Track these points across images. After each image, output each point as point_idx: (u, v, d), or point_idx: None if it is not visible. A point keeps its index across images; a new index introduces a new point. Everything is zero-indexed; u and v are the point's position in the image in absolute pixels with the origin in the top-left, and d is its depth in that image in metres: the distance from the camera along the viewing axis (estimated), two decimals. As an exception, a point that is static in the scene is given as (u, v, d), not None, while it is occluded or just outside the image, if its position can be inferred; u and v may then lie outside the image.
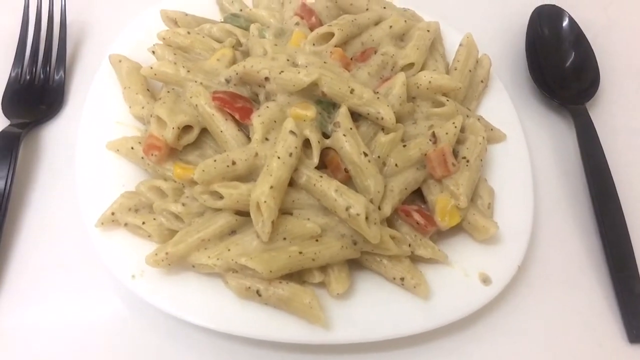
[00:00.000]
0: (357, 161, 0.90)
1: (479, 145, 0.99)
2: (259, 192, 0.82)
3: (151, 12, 1.13)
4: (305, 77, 0.91)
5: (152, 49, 1.02)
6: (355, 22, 1.05)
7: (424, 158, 0.95)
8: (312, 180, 0.88)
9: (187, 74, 0.97)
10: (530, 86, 1.21)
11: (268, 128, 0.90)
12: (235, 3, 1.15)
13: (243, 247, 0.85)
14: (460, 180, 0.95)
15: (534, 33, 1.24)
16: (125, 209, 0.89)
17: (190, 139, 0.93)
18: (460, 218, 0.94)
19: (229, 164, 0.86)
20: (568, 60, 1.21)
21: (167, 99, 0.94)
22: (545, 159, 1.13)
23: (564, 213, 1.07)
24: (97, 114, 1.00)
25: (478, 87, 1.11)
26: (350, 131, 0.91)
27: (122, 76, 1.02)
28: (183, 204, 0.88)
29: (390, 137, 0.94)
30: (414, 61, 1.04)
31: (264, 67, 0.93)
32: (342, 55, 1.00)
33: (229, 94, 0.94)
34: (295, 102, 0.93)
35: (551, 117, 1.18)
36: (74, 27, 1.18)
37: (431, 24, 1.10)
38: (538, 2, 1.29)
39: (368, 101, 0.93)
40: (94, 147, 0.96)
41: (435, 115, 1.02)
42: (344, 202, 0.85)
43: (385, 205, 0.90)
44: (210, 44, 1.03)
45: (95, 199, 0.91)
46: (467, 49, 1.11)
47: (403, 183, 0.94)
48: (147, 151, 0.92)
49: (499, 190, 1.01)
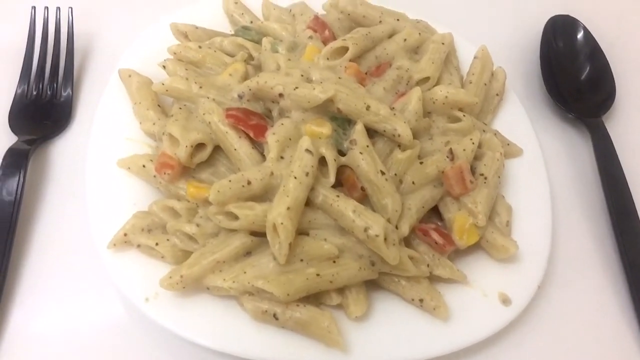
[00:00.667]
0: (374, 180, 0.88)
1: (497, 161, 0.97)
2: (275, 214, 0.81)
3: (160, 24, 1.10)
4: (321, 93, 0.89)
5: (162, 63, 1.00)
6: (369, 35, 1.03)
7: (441, 175, 0.94)
8: (328, 200, 0.86)
9: (200, 89, 0.95)
10: (544, 98, 1.20)
11: (283, 146, 0.88)
12: (245, 15, 1.13)
13: (259, 269, 0.83)
14: (478, 198, 0.93)
15: (548, 44, 1.22)
16: (137, 230, 0.87)
17: (203, 157, 0.91)
18: (478, 236, 0.92)
19: (244, 184, 0.84)
20: (583, 71, 1.19)
21: (179, 116, 0.93)
22: (561, 174, 1.11)
23: (581, 229, 1.05)
24: (107, 130, 0.98)
25: (493, 100, 1.09)
26: (366, 149, 0.89)
27: (132, 91, 1.00)
28: (197, 225, 0.86)
29: (407, 154, 0.92)
30: (430, 75, 1.02)
31: (278, 83, 0.91)
32: (357, 70, 0.98)
33: (242, 111, 0.92)
34: (310, 119, 0.92)
35: (567, 130, 1.17)
36: (82, 39, 1.16)
37: (445, 36, 1.09)
38: (551, 12, 1.27)
39: (384, 118, 0.91)
40: (104, 165, 0.94)
41: (452, 131, 1.00)
42: (362, 222, 0.83)
43: (403, 225, 0.89)
44: (221, 59, 1.01)
45: (106, 218, 0.89)
46: (482, 62, 1.10)
47: (420, 201, 0.92)
48: (159, 170, 0.90)
49: (516, 206, 0.99)
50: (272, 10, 1.13)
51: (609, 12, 1.33)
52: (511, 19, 1.32)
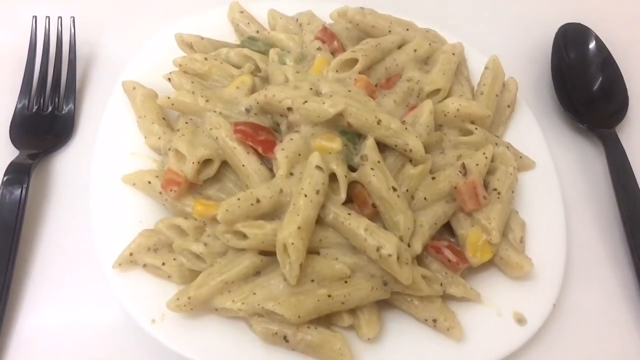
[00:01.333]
0: (385, 196, 0.86)
1: (510, 176, 0.95)
2: (286, 234, 0.78)
3: (165, 34, 1.08)
4: (331, 108, 0.87)
5: (167, 76, 0.97)
6: (379, 46, 1.00)
7: (454, 191, 0.92)
8: (339, 217, 0.84)
9: (206, 103, 0.92)
10: (556, 108, 1.17)
11: (292, 162, 0.86)
12: (251, 24, 1.10)
13: (269, 290, 0.81)
14: (491, 214, 0.91)
15: (559, 54, 1.19)
16: (143, 249, 0.85)
17: (210, 173, 0.89)
18: (492, 254, 0.90)
19: (253, 202, 0.82)
20: (595, 81, 1.17)
21: (185, 131, 0.90)
22: (574, 186, 1.09)
23: (595, 243, 1.03)
24: (110, 144, 0.96)
25: (505, 112, 1.07)
26: (378, 165, 0.87)
27: (137, 104, 0.98)
28: (205, 244, 0.84)
29: (419, 169, 0.90)
30: (441, 87, 1.00)
31: (287, 97, 0.89)
32: (367, 82, 0.95)
33: (250, 126, 0.89)
34: (320, 133, 0.89)
35: (579, 141, 1.14)
36: (84, 49, 1.13)
37: (456, 47, 1.06)
38: (562, 21, 1.25)
39: (395, 132, 0.89)
40: (108, 181, 0.92)
41: (464, 144, 0.98)
42: (374, 241, 0.81)
43: (415, 242, 0.87)
44: (228, 70, 0.99)
45: (111, 237, 0.87)
46: (493, 73, 1.07)
47: (433, 217, 0.90)
48: (165, 187, 0.88)
49: (530, 221, 0.97)
50: (278, 20, 1.11)
51: (621, 20, 1.31)
52: (521, 27, 1.29)
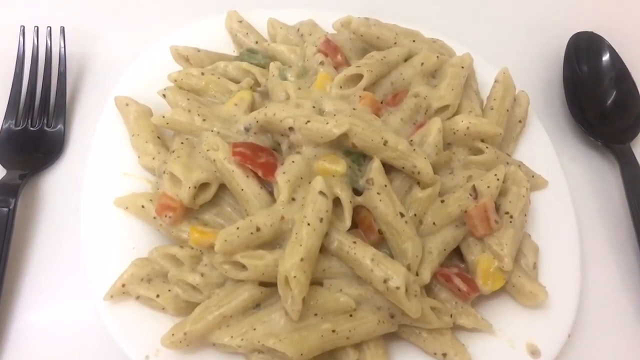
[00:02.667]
0: (392, 222, 0.81)
1: (523, 198, 0.91)
2: (288, 266, 0.74)
3: (160, 45, 1.03)
4: (335, 128, 0.83)
5: (162, 92, 0.92)
6: (384, 60, 0.96)
7: (464, 215, 0.87)
8: (344, 246, 0.79)
9: (203, 122, 0.88)
10: (568, 122, 1.12)
11: (294, 186, 0.82)
12: (250, 35, 1.05)
13: (270, 325, 0.76)
14: (503, 239, 0.86)
15: (571, 65, 1.14)
16: (136, 280, 0.80)
17: (207, 197, 0.85)
18: (504, 281, 0.86)
19: (252, 231, 0.77)
20: (609, 94, 1.12)
21: (181, 152, 0.86)
22: (588, 204, 1.04)
23: (610, 266, 0.99)
24: (102, 164, 0.91)
25: (516, 127, 1.02)
26: (384, 189, 0.83)
27: (130, 122, 0.93)
28: (201, 274, 0.79)
29: (427, 192, 0.86)
30: (449, 103, 0.95)
31: (288, 116, 0.84)
32: (372, 100, 0.91)
33: (250, 147, 0.85)
34: (323, 155, 0.85)
35: (592, 157, 1.10)
36: (75, 61, 1.08)
37: (465, 59, 1.02)
38: (574, 29, 1.19)
39: (403, 154, 0.85)
40: (100, 204, 0.88)
41: (474, 164, 0.93)
42: (381, 273, 0.77)
43: (424, 271, 0.82)
44: (226, 86, 0.94)
45: (103, 265, 0.83)
46: (503, 86, 1.02)
47: (442, 243, 0.86)
48: (160, 212, 0.83)
49: (543, 245, 0.92)
50: (278, 29, 1.06)
51: (635, 27, 1.26)
52: (531, 36, 1.24)
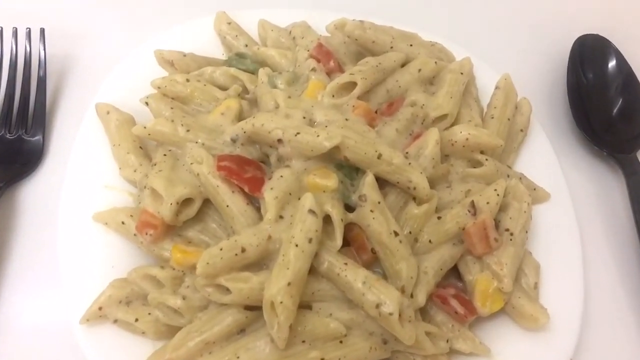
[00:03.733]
0: (386, 242, 0.77)
1: (524, 214, 0.86)
2: (274, 291, 0.69)
3: (144, 48, 0.98)
4: (326, 141, 0.78)
5: (145, 100, 0.88)
6: (380, 67, 0.91)
7: (462, 232, 0.83)
8: (335, 268, 0.75)
9: (187, 133, 0.83)
10: (572, 130, 1.07)
11: (282, 203, 0.77)
12: (240, 37, 1.00)
13: (254, 353, 0.72)
14: (503, 259, 0.82)
15: (575, 69, 1.09)
16: (114, 302, 0.76)
17: (190, 213, 0.80)
18: (503, 302, 0.82)
19: (237, 252, 0.73)
20: (615, 101, 1.07)
21: (163, 166, 0.81)
22: (591, 216, 1.00)
23: (614, 282, 0.94)
24: (82, 176, 0.87)
25: (517, 137, 0.98)
26: (378, 206, 0.78)
27: (111, 131, 0.88)
28: (183, 297, 0.75)
29: (423, 209, 0.81)
30: (448, 112, 0.90)
31: (277, 127, 0.80)
32: (366, 109, 0.86)
33: (236, 161, 0.80)
34: (313, 168, 0.80)
35: (597, 167, 1.05)
36: (55, 65, 1.03)
37: (464, 65, 0.97)
38: (580, 30, 1.14)
39: (398, 168, 0.80)
40: (78, 219, 0.83)
41: (473, 177, 0.89)
42: (373, 297, 0.72)
43: (419, 293, 0.78)
44: (212, 93, 0.89)
45: (80, 285, 0.79)
46: (504, 93, 0.98)
47: (438, 262, 0.81)
48: (140, 229, 0.78)
49: (544, 262, 0.88)
50: (269, 32, 1.01)
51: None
52: (534, 38, 1.19)
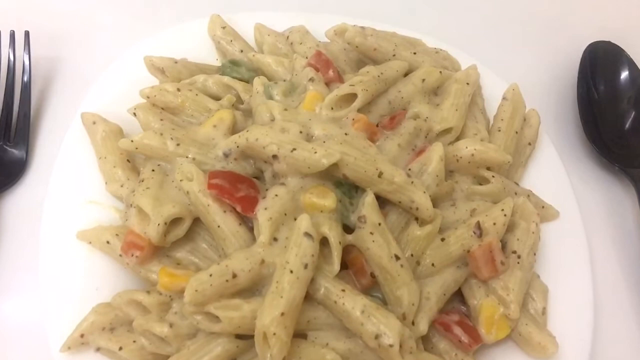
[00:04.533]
0: (386, 266, 0.73)
1: (532, 235, 0.82)
2: (267, 321, 0.65)
3: (133, 53, 0.93)
4: (324, 158, 0.73)
5: (133, 110, 0.83)
6: (381, 77, 0.86)
7: (467, 255, 0.78)
8: (332, 295, 0.71)
9: (177, 147, 0.78)
10: (582, 143, 1.02)
11: (277, 224, 0.73)
12: (235, 42, 0.95)
13: (246, 386, 0.68)
14: (510, 283, 0.78)
15: (586, 80, 1.04)
16: (97, 329, 0.71)
17: (179, 233, 0.76)
18: (509, 330, 0.78)
19: (228, 278, 0.69)
20: (627, 113, 1.01)
21: (151, 182, 0.76)
22: (602, 235, 0.95)
23: (625, 305, 0.90)
24: (65, 190, 0.82)
25: (525, 150, 0.93)
26: (378, 228, 0.74)
27: (97, 143, 0.83)
28: (170, 324, 0.70)
29: (426, 230, 0.77)
30: (453, 126, 0.86)
31: (272, 142, 0.75)
32: (367, 124, 0.81)
33: (228, 178, 0.75)
34: (310, 186, 0.76)
35: (608, 182, 1.00)
36: (41, 69, 0.98)
37: (470, 74, 0.92)
38: (591, 37, 1.09)
39: (400, 187, 0.76)
40: (61, 238, 0.79)
41: (479, 195, 0.84)
42: (373, 327, 0.68)
43: (421, 321, 0.74)
44: (204, 104, 0.84)
45: (62, 309, 0.74)
46: (512, 104, 0.93)
47: (441, 287, 0.77)
48: (126, 250, 0.74)
49: (553, 285, 0.84)
50: (266, 37, 0.96)
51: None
52: (543, 45, 1.14)
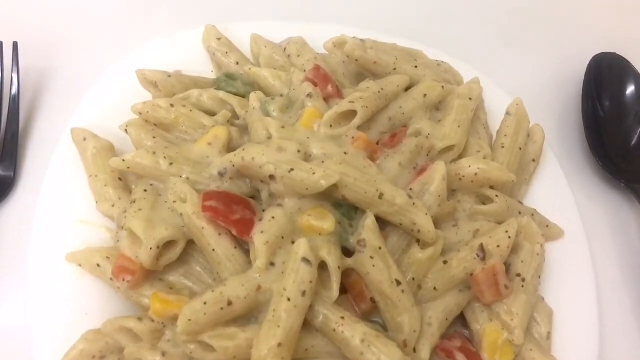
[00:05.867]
0: (387, 292, 0.70)
1: (537, 257, 0.80)
2: (263, 352, 0.63)
3: (125, 65, 0.90)
4: (323, 179, 0.71)
5: (124, 127, 0.80)
6: (382, 93, 0.83)
7: (470, 279, 0.76)
8: (330, 323, 0.68)
9: (170, 167, 0.76)
10: (587, 159, 1.00)
11: (274, 249, 0.70)
12: (230, 55, 0.92)
13: (241, 419, 0.65)
14: (514, 308, 0.76)
15: (590, 94, 1.01)
16: (87, 357, 0.69)
17: (172, 257, 0.73)
18: (513, 355, 0.76)
19: (223, 306, 0.66)
20: (634, 128, 0.99)
21: (143, 204, 0.73)
22: (607, 253, 0.92)
23: (630, 327, 0.88)
24: (55, 209, 0.79)
25: (529, 167, 0.91)
26: (378, 252, 0.71)
27: (88, 160, 0.81)
28: (163, 353, 0.68)
29: (428, 253, 0.75)
30: (455, 143, 0.83)
31: (269, 162, 0.73)
32: (367, 142, 0.79)
33: (223, 200, 0.73)
34: (308, 208, 0.73)
35: (613, 196, 0.97)
36: (29, 81, 0.95)
37: (473, 89, 0.89)
38: (596, 49, 1.06)
39: (401, 209, 0.74)
40: (50, 258, 0.76)
41: (482, 215, 0.82)
42: (373, 357, 0.67)
43: (422, 348, 0.72)
44: (199, 120, 0.82)
45: (50, 336, 0.71)
46: (516, 120, 0.90)
47: (443, 312, 0.75)
48: (117, 275, 0.71)
49: (557, 307, 0.82)
50: (262, 48, 0.93)
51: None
52: (547, 56, 1.11)
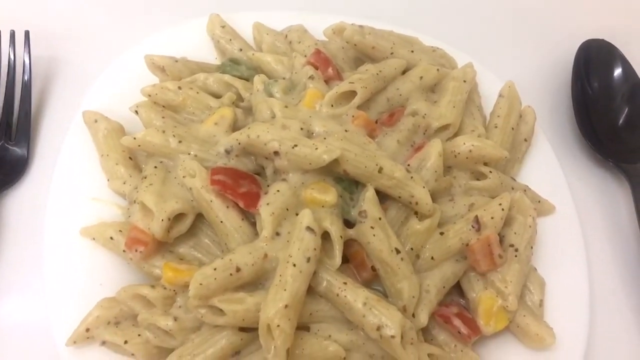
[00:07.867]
0: (387, 260, 0.74)
1: (529, 228, 0.83)
2: (271, 313, 0.66)
3: (134, 52, 0.94)
4: (325, 154, 0.75)
5: (134, 108, 0.84)
6: (380, 74, 0.87)
7: (465, 249, 0.80)
8: (334, 288, 0.72)
9: (179, 144, 0.79)
10: (577, 139, 1.04)
11: (279, 219, 0.74)
12: (234, 41, 0.96)
13: (250, 378, 0.69)
14: (508, 276, 0.79)
15: (580, 77, 1.06)
16: (102, 323, 0.72)
17: (182, 229, 0.77)
18: (508, 321, 0.80)
19: (232, 272, 0.70)
20: (621, 110, 1.03)
21: (154, 179, 0.77)
22: (597, 229, 0.97)
23: (620, 299, 0.92)
24: (68, 188, 0.83)
25: (521, 147, 0.94)
26: (378, 222, 0.75)
27: (99, 140, 0.84)
28: (175, 318, 0.71)
29: (425, 225, 0.78)
30: (451, 122, 0.87)
31: (273, 139, 0.76)
32: (366, 120, 0.83)
33: (230, 174, 0.76)
34: (311, 182, 0.77)
35: (602, 177, 1.02)
36: (41, 68, 0.99)
37: (467, 72, 0.93)
38: (585, 35, 1.10)
39: (399, 182, 0.77)
40: (65, 234, 0.80)
41: (476, 190, 0.85)
42: (374, 319, 0.70)
43: (421, 313, 0.75)
44: (205, 102, 0.85)
45: (66, 304, 0.75)
46: (508, 101, 0.94)
47: (441, 280, 0.78)
48: (130, 246, 0.75)
49: (549, 278, 0.85)
50: (264, 35, 0.97)
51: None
52: (538, 42, 1.16)
